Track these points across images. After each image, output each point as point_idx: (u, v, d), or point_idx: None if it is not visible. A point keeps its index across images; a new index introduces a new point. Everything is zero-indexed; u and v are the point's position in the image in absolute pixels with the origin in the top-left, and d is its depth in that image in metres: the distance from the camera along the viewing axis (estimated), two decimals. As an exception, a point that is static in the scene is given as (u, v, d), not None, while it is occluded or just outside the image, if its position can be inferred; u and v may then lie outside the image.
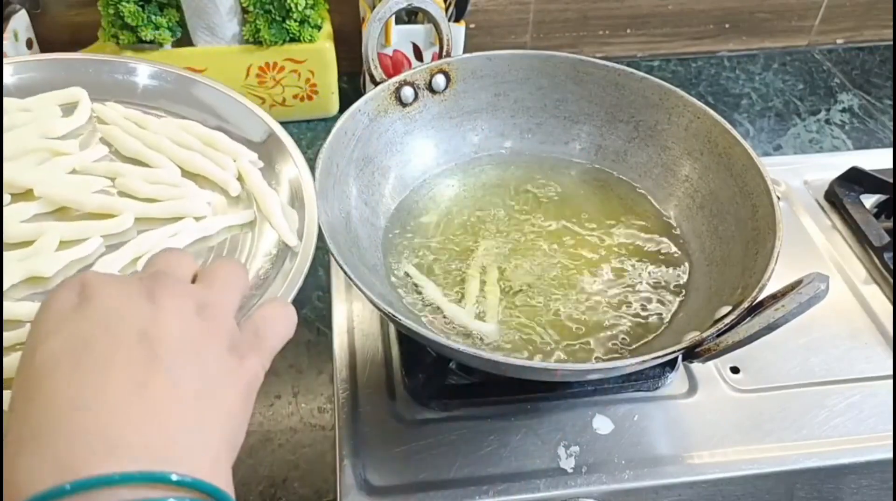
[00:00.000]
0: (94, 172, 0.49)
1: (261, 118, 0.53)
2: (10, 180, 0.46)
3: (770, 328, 0.39)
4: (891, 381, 0.51)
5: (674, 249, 0.55)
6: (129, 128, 0.51)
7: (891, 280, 0.58)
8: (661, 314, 0.51)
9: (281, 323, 0.32)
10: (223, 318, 0.29)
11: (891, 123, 0.80)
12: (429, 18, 0.57)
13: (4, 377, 0.38)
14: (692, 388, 0.51)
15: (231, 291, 0.31)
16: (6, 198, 0.45)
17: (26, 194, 0.46)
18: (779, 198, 0.51)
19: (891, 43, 0.92)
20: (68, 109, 0.52)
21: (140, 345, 0.25)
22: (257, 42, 0.70)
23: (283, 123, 0.75)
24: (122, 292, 0.27)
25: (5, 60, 0.53)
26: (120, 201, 0.47)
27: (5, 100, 0.50)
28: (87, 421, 0.23)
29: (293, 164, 0.50)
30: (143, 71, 0.55)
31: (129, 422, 0.24)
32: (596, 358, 0.48)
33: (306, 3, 0.68)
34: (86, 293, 0.27)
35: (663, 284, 0.53)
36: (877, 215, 0.63)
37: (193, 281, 0.31)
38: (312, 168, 0.49)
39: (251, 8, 0.68)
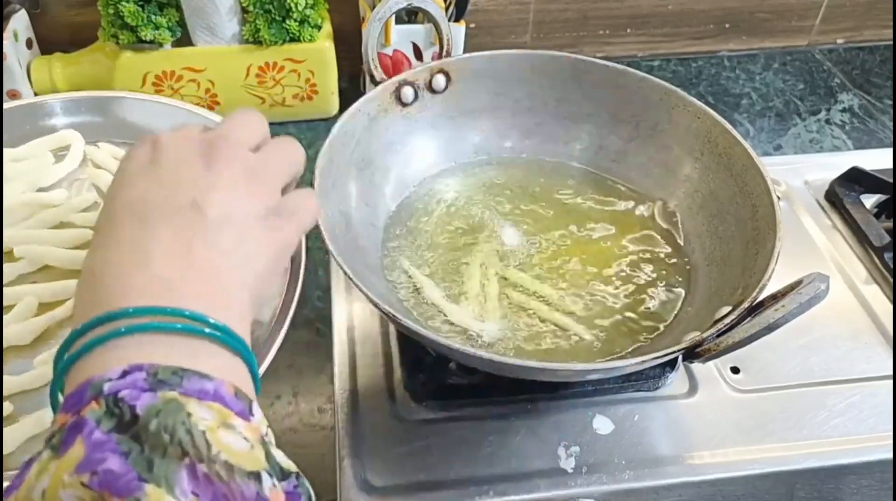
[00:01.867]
0: (81, 225, 0.49)
1: None
2: None
3: (770, 328, 0.39)
4: (891, 381, 0.51)
5: (674, 249, 0.55)
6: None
7: (891, 280, 0.58)
8: (661, 314, 0.51)
9: (311, 209, 0.36)
10: (270, 187, 0.33)
11: (891, 123, 0.80)
12: (429, 18, 0.57)
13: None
14: (692, 388, 0.51)
15: (285, 165, 0.35)
16: None
17: (11, 253, 0.47)
18: (779, 198, 0.51)
19: (891, 43, 0.92)
20: (61, 153, 0.52)
21: (192, 210, 0.30)
22: (257, 42, 0.70)
23: (282, 123, 0.76)
24: (184, 157, 0.32)
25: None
26: None
27: None
28: (138, 275, 0.28)
29: None
30: (134, 107, 0.57)
31: (177, 278, 0.28)
32: (596, 358, 0.48)
33: (306, 3, 0.68)
34: (157, 155, 0.32)
35: (663, 283, 0.53)
36: (877, 215, 0.63)
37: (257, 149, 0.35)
38: (312, 169, 0.50)
39: (251, 7, 0.68)
